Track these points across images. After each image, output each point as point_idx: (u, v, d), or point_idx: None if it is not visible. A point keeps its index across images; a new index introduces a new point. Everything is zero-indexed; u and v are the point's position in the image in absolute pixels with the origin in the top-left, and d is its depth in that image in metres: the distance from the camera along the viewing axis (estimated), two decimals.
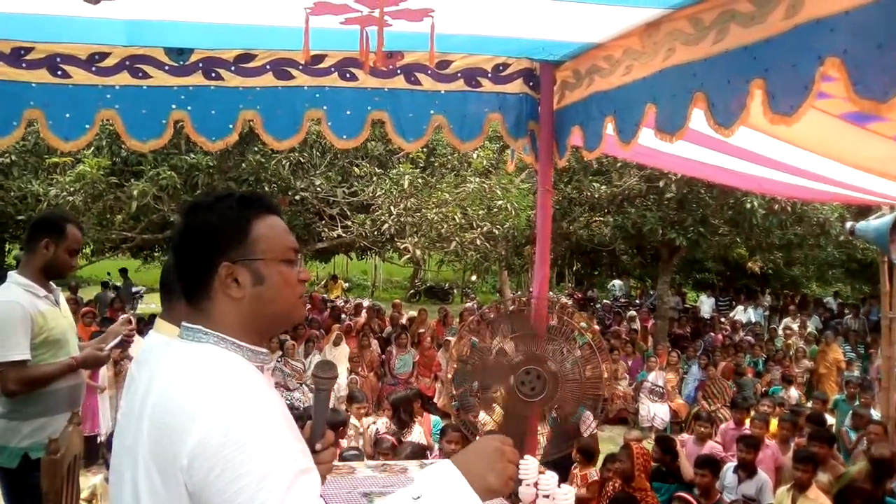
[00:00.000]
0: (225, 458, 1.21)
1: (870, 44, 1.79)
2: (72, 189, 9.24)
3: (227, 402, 1.26)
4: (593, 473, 5.79)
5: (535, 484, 2.68)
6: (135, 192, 9.28)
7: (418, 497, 1.30)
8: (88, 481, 4.65)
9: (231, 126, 3.48)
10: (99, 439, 6.72)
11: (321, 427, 1.60)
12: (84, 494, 4.17)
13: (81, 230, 3.50)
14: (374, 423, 7.17)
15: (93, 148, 9.61)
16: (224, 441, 1.21)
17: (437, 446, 6.13)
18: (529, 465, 2.73)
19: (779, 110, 2.01)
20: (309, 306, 14.80)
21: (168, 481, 1.26)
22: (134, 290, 18.63)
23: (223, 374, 1.33)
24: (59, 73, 3.21)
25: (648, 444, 8.36)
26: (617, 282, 22.96)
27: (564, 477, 4.81)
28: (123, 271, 17.77)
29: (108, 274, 21.42)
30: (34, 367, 3.22)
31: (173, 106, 3.40)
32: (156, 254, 15.75)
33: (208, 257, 1.40)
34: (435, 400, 10.01)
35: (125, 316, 3.57)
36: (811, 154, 3.56)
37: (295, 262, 1.48)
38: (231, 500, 1.20)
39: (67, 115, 3.23)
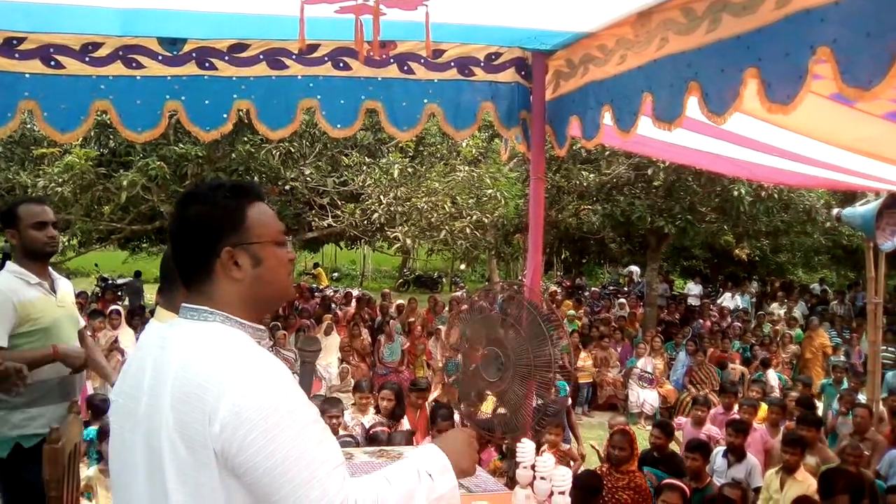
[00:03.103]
0: (262, 420, 1.34)
1: (859, 33, 1.83)
2: (60, 180, 9.14)
3: (255, 371, 1.39)
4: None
5: (533, 466, 2.72)
6: (124, 183, 9.17)
7: (428, 472, 1.55)
8: (83, 473, 4.64)
9: (225, 116, 3.45)
10: None
11: (307, 393, 1.71)
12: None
13: (40, 202, 3.52)
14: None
15: (80, 138, 9.53)
16: (257, 406, 1.34)
17: None
18: (527, 448, 2.77)
19: (776, 99, 2.05)
20: (297, 295, 14.79)
21: (195, 448, 1.36)
22: (121, 281, 18.53)
23: (241, 347, 1.46)
24: (53, 63, 3.17)
25: (640, 430, 8.48)
26: (634, 268, 22.45)
27: None
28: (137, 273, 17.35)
29: (96, 266, 21.30)
30: (12, 352, 3.19)
31: (167, 96, 3.36)
32: (144, 245, 15.64)
33: (210, 243, 1.51)
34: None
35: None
36: (801, 137, 3.60)
37: (285, 244, 1.61)
38: (268, 458, 1.33)
39: (63, 107, 3.19)
